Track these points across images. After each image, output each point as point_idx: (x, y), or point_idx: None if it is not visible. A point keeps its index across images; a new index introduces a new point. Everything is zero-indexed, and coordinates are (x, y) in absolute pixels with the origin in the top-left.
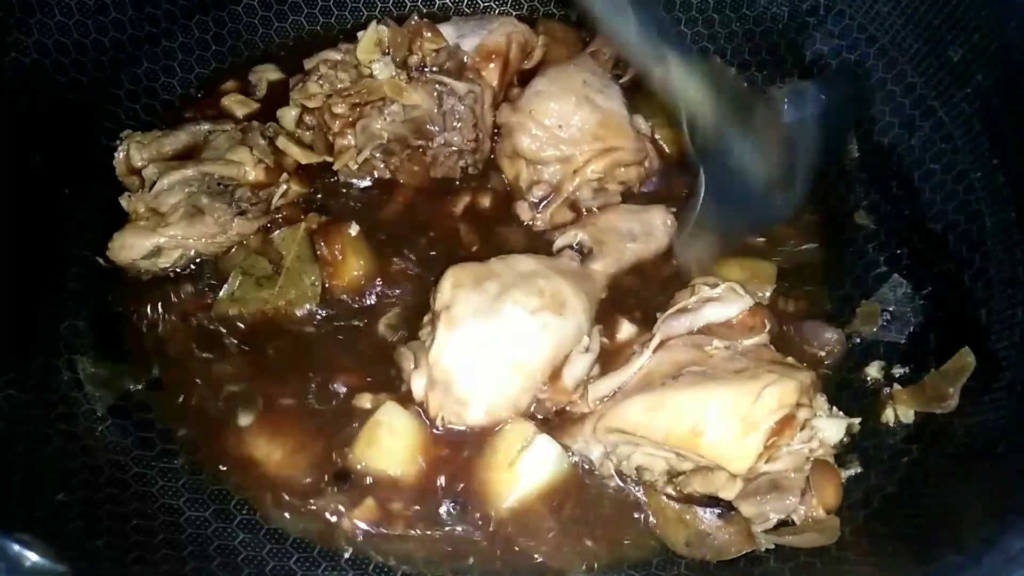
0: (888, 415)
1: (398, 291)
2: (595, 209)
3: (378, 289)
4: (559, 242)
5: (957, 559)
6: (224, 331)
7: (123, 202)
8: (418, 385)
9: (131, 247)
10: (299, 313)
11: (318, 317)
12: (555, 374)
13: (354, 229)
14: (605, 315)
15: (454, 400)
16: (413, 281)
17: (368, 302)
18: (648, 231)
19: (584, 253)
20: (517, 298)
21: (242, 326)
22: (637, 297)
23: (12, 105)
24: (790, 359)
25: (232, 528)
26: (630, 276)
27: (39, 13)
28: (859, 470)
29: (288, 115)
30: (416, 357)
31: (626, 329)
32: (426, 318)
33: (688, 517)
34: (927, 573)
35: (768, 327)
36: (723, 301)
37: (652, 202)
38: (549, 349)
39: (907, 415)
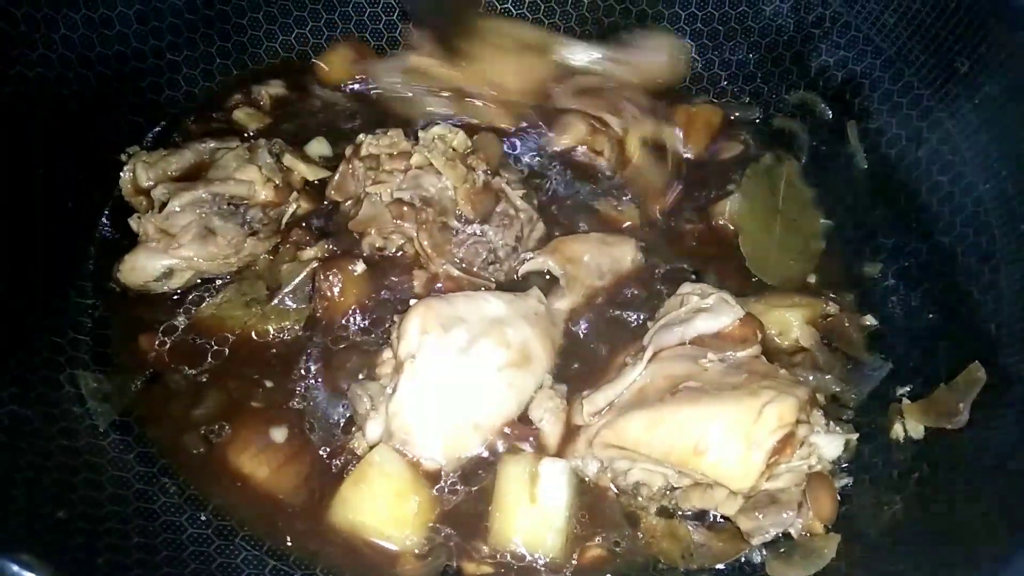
0: (897, 431)
1: (382, 328)
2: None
3: (364, 324)
4: (525, 268)
5: None
6: (211, 347)
7: (133, 223)
8: (373, 432)
9: (143, 269)
10: (275, 331)
11: (291, 336)
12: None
13: (359, 267)
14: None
15: (409, 453)
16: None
17: (352, 336)
18: (616, 268)
19: (549, 286)
20: (485, 352)
21: (228, 338)
22: None
23: (16, 118)
24: (783, 371)
25: (235, 545)
26: None
27: (44, 27)
28: (851, 480)
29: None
30: (373, 400)
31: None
32: (385, 355)
33: (680, 532)
34: None
35: (760, 338)
36: (714, 311)
37: None
38: (512, 407)
39: (916, 431)
